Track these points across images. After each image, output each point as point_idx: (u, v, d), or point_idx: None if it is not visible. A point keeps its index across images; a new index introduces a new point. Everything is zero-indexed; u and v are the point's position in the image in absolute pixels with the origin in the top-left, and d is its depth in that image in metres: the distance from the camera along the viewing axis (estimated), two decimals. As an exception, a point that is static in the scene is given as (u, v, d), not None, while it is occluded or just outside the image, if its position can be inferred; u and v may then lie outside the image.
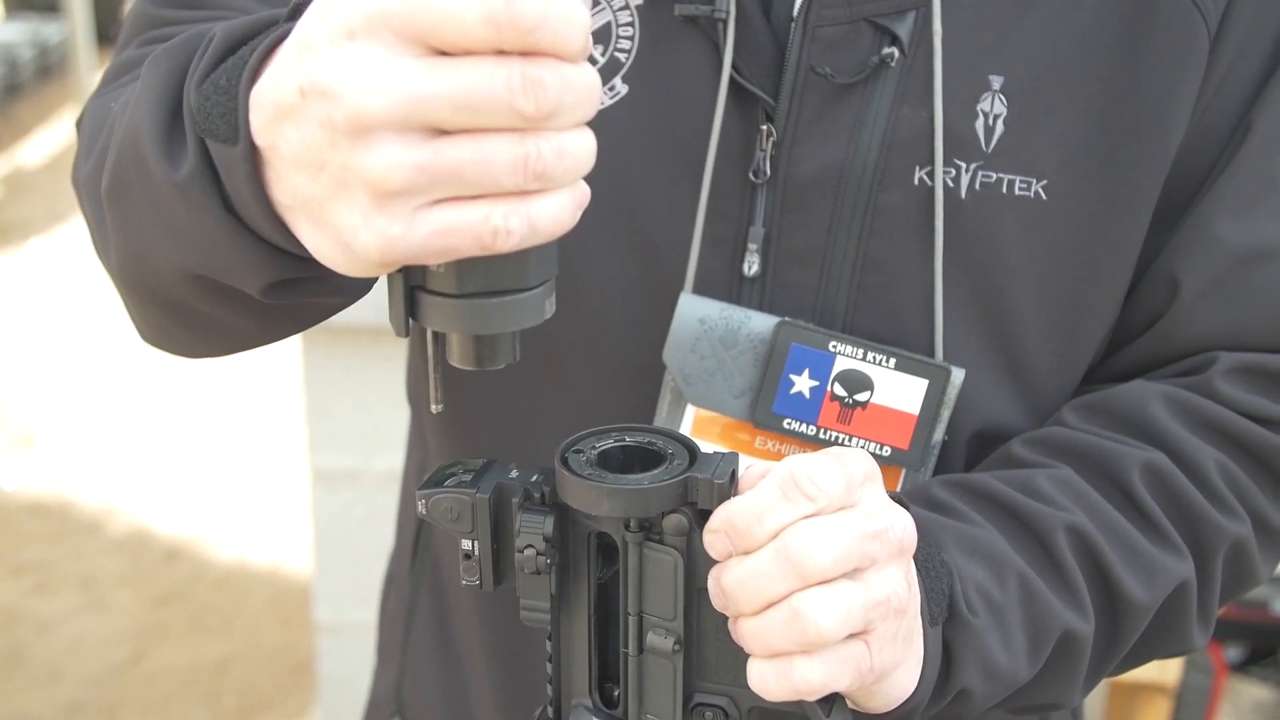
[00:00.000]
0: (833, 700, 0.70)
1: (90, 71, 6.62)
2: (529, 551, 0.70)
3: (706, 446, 0.73)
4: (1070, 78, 0.84)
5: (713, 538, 0.68)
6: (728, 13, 0.82)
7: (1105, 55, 0.84)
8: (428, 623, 1.08)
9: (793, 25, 0.84)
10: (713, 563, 0.69)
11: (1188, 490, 0.85)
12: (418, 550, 1.08)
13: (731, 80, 0.83)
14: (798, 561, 0.65)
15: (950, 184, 0.84)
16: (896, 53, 0.82)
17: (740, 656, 0.70)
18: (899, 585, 0.68)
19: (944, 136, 0.83)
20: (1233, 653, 2.68)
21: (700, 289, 0.86)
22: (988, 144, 0.84)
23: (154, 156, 0.68)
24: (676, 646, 0.71)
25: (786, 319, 0.84)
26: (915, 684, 0.74)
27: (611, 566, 0.73)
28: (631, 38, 0.86)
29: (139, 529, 3.58)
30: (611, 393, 0.89)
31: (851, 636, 0.67)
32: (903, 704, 0.74)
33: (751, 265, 0.86)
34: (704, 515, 0.69)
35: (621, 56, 0.86)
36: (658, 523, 0.69)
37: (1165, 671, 2.18)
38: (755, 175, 0.85)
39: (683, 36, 0.85)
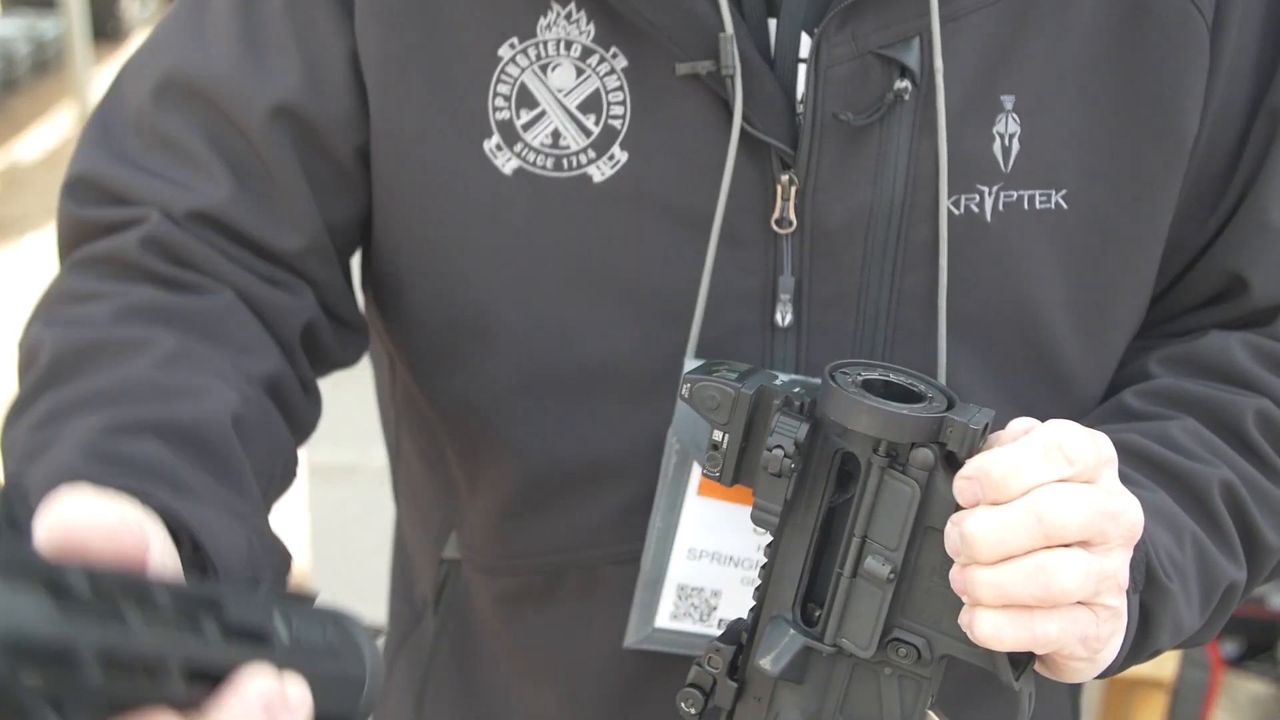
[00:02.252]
0: (1025, 664, 0.74)
1: (86, 67, 6.61)
2: (777, 452, 0.73)
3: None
4: (1076, 86, 0.85)
5: (964, 484, 0.70)
6: (734, 67, 0.81)
7: (1106, 59, 0.85)
8: (450, 671, 1.04)
9: (803, 69, 0.83)
10: (946, 504, 0.71)
11: None
12: (442, 594, 1.03)
13: (743, 132, 0.82)
14: (1047, 520, 0.68)
15: (975, 209, 0.84)
16: (910, 86, 0.82)
17: (947, 602, 0.73)
18: (1123, 566, 0.72)
19: (964, 163, 0.84)
20: (1229, 648, 2.68)
21: (732, 344, 0.85)
22: (1006, 164, 0.85)
23: None
24: (891, 575, 0.73)
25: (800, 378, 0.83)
26: (1118, 650, 0.77)
27: (844, 494, 0.75)
28: (623, 102, 0.84)
29: (136, 525, 3.57)
30: (622, 461, 0.89)
31: (1080, 603, 0.71)
32: (1104, 670, 0.78)
33: (785, 315, 0.85)
34: (950, 458, 0.72)
35: (616, 123, 0.84)
36: (905, 453, 0.72)
37: (1161, 667, 2.18)
38: (780, 225, 0.84)
39: (683, 95, 0.83)
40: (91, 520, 0.53)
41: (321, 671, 0.56)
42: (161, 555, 0.56)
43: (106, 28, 7.69)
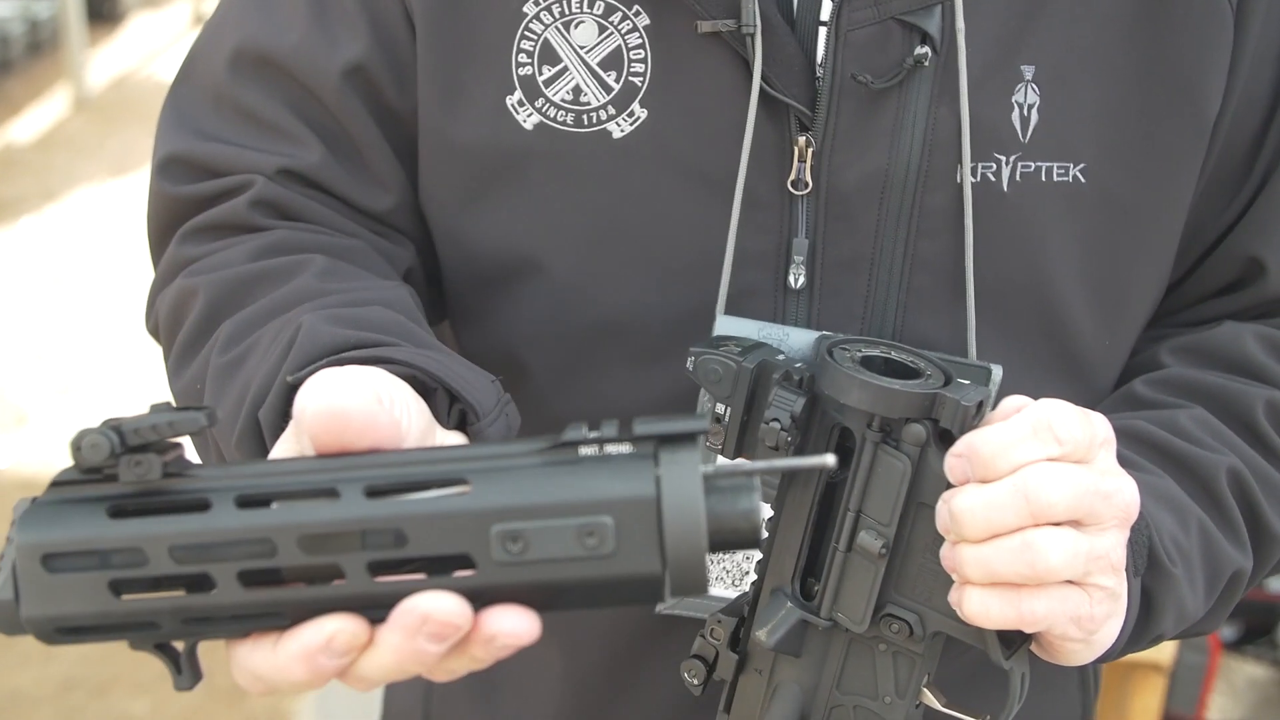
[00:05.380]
0: (1018, 644, 0.74)
1: (81, 49, 6.59)
2: (774, 425, 0.74)
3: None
4: (1095, 60, 0.84)
5: (954, 461, 0.70)
6: (755, 26, 0.81)
7: (1126, 34, 0.85)
8: None
9: (824, 31, 0.83)
10: (939, 481, 0.71)
11: None
12: None
13: (762, 92, 0.82)
14: (1034, 498, 0.68)
15: (992, 178, 0.84)
16: (930, 52, 0.82)
17: (939, 579, 0.73)
18: (1117, 546, 0.71)
19: (983, 131, 0.83)
20: (1227, 631, 2.68)
21: (744, 305, 0.85)
22: (1025, 134, 0.84)
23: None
24: (884, 550, 0.74)
25: (825, 333, 0.83)
26: (1118, 634, 0.77)
27: (844, 471, 0.75)
28: (644, 60, 0.84)
29: (132, 507, 3.57)
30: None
31: (1070, 582, 0.70)
32: (1104, 652, 0.78)
33: (798, 278, 0.85)
34: (944, 434, 0.72)
35: (637, 80, 0.84)
36: (898, 429, 0.72)
37: (1160, 650, 2.18)
38: (795, 187, 0.84)
39: (704, 53, 0.83)
40: (349, 410, 0.58)
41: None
42: (412, 433, 0.61)
43: (102, 9, 7.66)
